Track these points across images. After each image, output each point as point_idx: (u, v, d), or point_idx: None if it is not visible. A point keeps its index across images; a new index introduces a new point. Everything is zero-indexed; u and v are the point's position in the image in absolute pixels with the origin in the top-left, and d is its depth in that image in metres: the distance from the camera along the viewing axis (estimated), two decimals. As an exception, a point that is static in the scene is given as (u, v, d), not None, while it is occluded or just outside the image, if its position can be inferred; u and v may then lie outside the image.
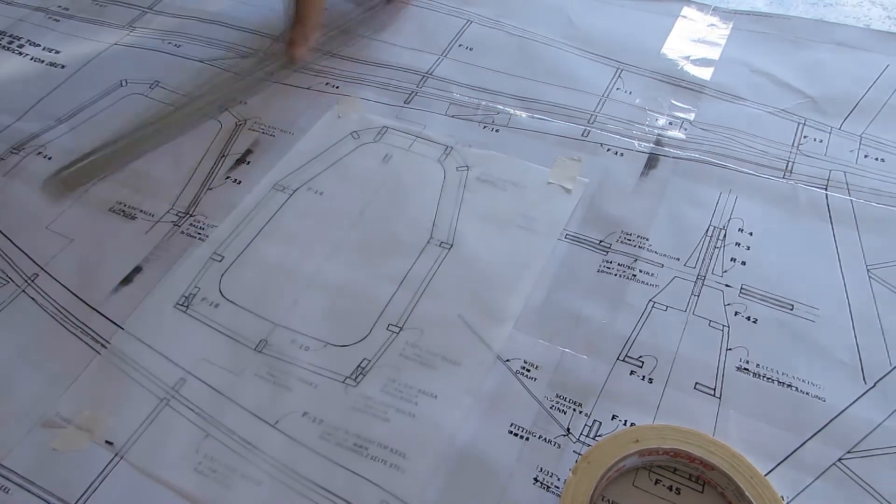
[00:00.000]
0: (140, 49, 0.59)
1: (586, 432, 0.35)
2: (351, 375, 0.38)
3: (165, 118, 0.52)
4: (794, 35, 0.56)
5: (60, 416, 0.37)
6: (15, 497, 0.34)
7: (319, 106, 0.53)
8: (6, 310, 0.41)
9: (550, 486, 0.33)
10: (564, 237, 0.43)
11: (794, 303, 0.39)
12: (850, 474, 0.33)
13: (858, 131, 0.49)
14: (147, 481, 0.34)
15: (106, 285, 0.42)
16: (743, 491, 0.31)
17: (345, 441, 0.35)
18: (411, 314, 0.40)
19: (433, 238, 0.44)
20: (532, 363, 0.38)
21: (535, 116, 0.51)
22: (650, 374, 0.37)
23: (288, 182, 0.47)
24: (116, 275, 0.43)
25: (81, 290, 0.42)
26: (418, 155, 0.49)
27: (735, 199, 0.45)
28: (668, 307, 0.40)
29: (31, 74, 0.57)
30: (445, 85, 0.54)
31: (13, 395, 0.38)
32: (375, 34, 0.59)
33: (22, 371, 0.39)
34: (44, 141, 0.51)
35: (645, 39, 0.57)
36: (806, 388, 0.36)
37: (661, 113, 0.51)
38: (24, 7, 0.64)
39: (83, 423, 0.36)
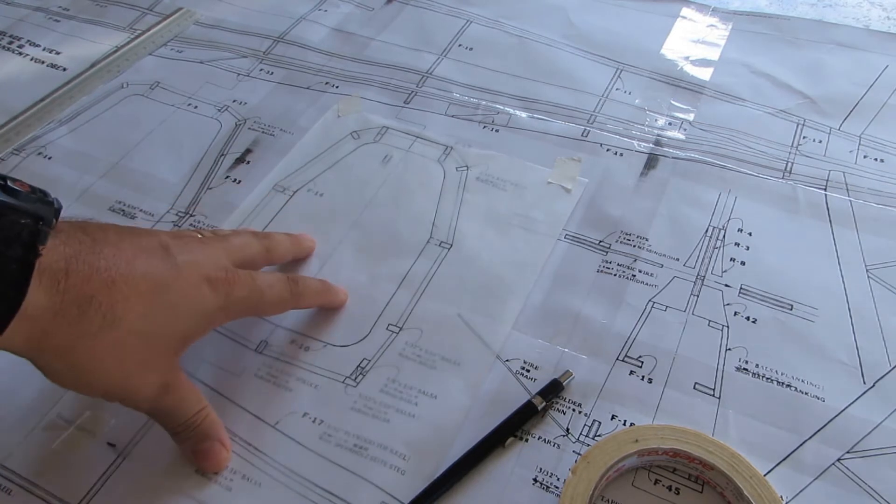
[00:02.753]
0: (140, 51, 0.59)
1: (586, 432, 0.35)
2: (351, 376, 0.38)
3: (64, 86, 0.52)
4: (794, 35, 0.56)
5: (62, 417, 0.37)
6: (17, 498, 0.34)
7: (319, 106, 0.53)
8: (7, 310, 0.41)
9: (550, 487, 0.33)
10: (564, 237, 0.43)
11: (793, 303, 0.40)
12: (849, 474, 0.33)
13: (858, 132, 0.49)
14: (149, 483, 0.34)
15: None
16: (742, 491, 0.31)
17: (345, 442, 0.35)
18: (411, 314, 0.40)
19: (433, 238, 0.44)
20: (532, 363, 0.38)
21: (535, 116, 0.51)
22: (649, 374, 0.37)
23: (288, 183, 0.47)
24: (117, 275, 0.43)
25: (82, 291, 0.42)
26: (418, 155, 0.49)
27: (734, 200, 0.45)
28: (668, 307, 0.40)
29: (32, 75, 0.57)
30: (445, 85, 0.54)
31: (15, 397, 0.38)
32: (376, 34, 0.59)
33: (23, 372, 0.38)
34: (45, 142, 0.51)
35: (644, 40, 0.57)
36: (805, 388, 0.36)
37: (660, 113, 0.51)
38: (24, 7, 0.64)
39: (85, 424, 0.36)
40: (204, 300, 0.32)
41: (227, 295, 0.33)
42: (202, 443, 0.34)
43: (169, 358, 0.32)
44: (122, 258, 0.30)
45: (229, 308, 0.33)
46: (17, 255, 0.26)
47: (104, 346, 0.29)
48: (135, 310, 0.29)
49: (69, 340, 0.28)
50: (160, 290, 0.30)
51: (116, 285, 0.29)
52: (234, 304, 0.34)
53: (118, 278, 0.29)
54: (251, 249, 0.38)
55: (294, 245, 0.42)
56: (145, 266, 0.30)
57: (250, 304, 0.35)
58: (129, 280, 0.29)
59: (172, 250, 0.32)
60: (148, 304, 0.30)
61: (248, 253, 0.37)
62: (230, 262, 0.35)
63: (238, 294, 0.33)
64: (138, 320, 0.30)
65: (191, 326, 0.32)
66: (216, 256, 0.34)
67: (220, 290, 0.33)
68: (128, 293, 0.29)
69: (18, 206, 0.26)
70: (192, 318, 0.32)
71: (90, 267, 0.28)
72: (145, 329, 0.30)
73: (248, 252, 0.37)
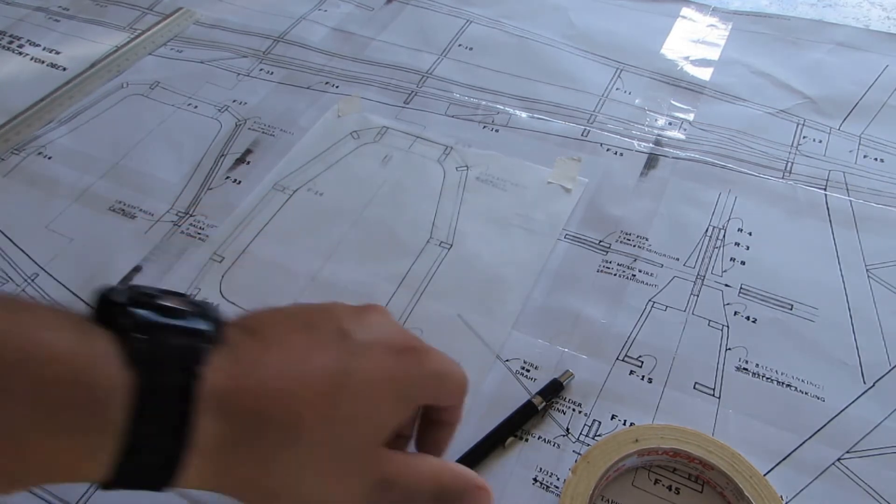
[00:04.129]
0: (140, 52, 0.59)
1: (586, 432, 0.35)
2: (351, 375, 0.38)
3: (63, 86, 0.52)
4: (794, 35, 0.56)
5: (61, 416, 0.37)
6: (16, 497, 0.34)
7: (319, 106, 0.53)
8: (7, 310, 0.41)
9: (550, 486, 0.33)
10: (564, 237, 0.43)
11: (793, 303, 0.40)
12: (849, 474, 0.33)
13: (858, 132, 0.49)
14: (147, 481, 0.34)
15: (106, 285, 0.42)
16: (742, 491, 0.31)
17: (345, 441, 0.35)
18: (411, 314, 0.40)
19: (433, 238, 0.44)
20: (531, 363, 0.38)
21: (535, 116, 0.51)
22: (649, 373, 0.37)
23: (288, 182, 0.47)
24: (116, 274, 0.43)
25: (81, 290, 0.42)
26: (418, 155, 0.49)
27: (734, 199, 0.45)
28: (668, 307, 0.40)
29: (32, 75, 0.57)
30: (445, 85, 0.54)
31: (14, 395, 0.38)
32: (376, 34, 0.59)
33: (22, 371, 0.39)
34: (45, 141, 0.51)
35: (644, 40, 0.57)
36: (805, 388, 0.36)
37: (660, 113, 0.51)
38: (24, 7, 0.64)
39: (84, 423, 0.36)
40: (393, 375, 0.26)
41: (419, 364, 0.27)
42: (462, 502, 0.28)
43: (375, 452, 0.26)
44: (294, 357, 0.25)
45: (424, 380, 0.27)
46: (176, 383, 0.22)
47: (289, 464, 0.24)
48: (315, 413, 0.24)
49: (249, 471, 0.24)
50: (342, 383, 0.25)
51: (293, 395, 0.24)
52: (428, 377, 0.28)
53: (293, 385, 0.24)
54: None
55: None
56: (320, 359, 0.25)
57: (443, 377, 0.29)
58: (305, 382, 0.24)
59: (353, 333, 0.26)
60: (330, 402, 0.25)
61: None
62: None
63: (429, 364, 0.28)
64: (321, 424, 0.24)
65: (388, 410, 0.26)
66: (402, 331, 0.29)
67: (410, 361, 0.27)
68: (306, 397, 0.24)
69: (174, 325, 0.23)
70: (385, 399, 0.26)
71: (259, 381, 0.24)
72: (332, 430, 0.25)
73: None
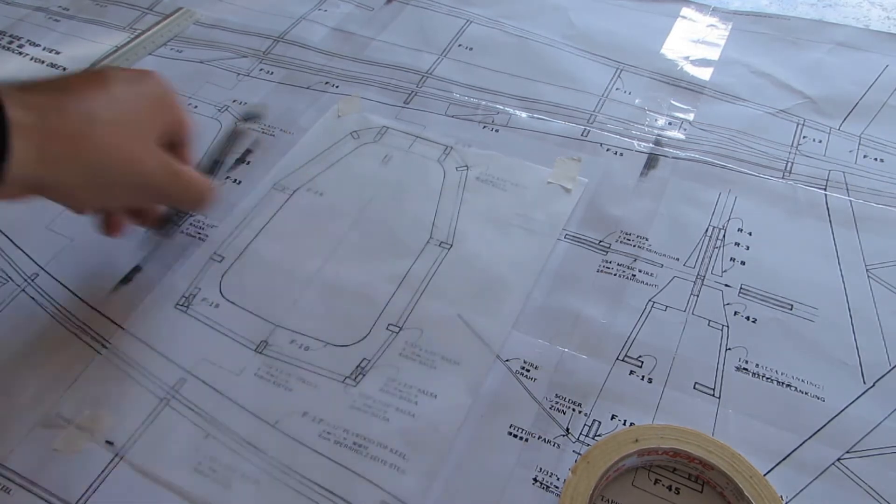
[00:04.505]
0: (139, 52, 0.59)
1: (586, 432, 0.35)
2: (351, 375, 0.38)
3: None
4: (794, 35, 0.56)
5: (61, 416, 0.37)
6: (16, 497, 0.34)
7: (319, 106, 0.53)
8: (6, 310, 0.41)
9: (550, 486, 0.33)
10: (564, 237, 0.43)
11: (793, 303, 0.40)
12: (849, 474, 0.33)
13: (858, 132, 0.49)
14: (147, 481, 0.34)
15: (106, 285, 0.42)
16: (742, 490, 0.31)
17: (344, 440, 0.35)
18: (411, 314, 0.40)
19: (433, 238, 0.44)
20: (531, 363, 0.38)
21: (535, 116, 0.51)
22: (649, 373, 0.37)
23: (288, 182, 0.47)
24: (116, 274, 0.43)
25: (81, 290, 0.42)
26: (418, 155, 0.49)
27: (734, 199, 0.45)
28: (668, 307, 0.40)
29: (31, 74, 0.57)
30: (445, 85, 0.54)
31: (13, 396, 0.38)
32: (376, 34, 0.59)
33: (22, 371, 0.39)
34: None
35: (644, 40, 0.57)
36: (805, 388, 0.36)
37: (660, 113, 0.51)
38: (24, 7, 0.64)
39: (83, 423, 0.36)
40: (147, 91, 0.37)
41: (171, 109, 0.38)
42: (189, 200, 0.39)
43: (149, 141, 0.36)
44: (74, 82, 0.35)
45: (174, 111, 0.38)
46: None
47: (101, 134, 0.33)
48: (100, 103, 0.34)
49: (74, 136, 0.32)
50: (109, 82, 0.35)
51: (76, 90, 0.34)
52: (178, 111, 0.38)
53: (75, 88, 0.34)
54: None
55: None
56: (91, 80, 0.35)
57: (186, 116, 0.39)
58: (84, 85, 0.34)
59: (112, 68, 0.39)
60: (106, 93, 0.35)
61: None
62: None
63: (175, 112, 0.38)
64: (110, 105, 0.34)
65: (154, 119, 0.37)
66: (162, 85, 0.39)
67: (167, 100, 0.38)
68: (88, 94, 0.34)
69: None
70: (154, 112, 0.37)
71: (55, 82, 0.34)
72: (118, 109, 0.35)
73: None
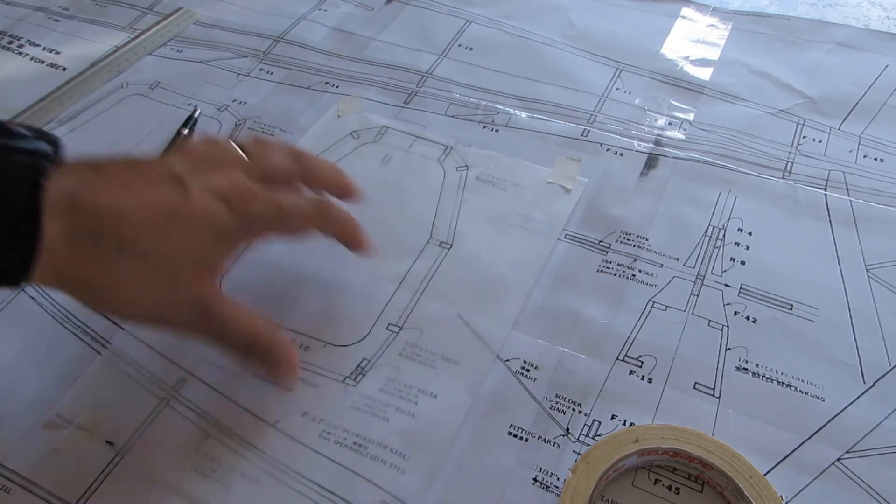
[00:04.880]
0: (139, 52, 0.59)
1: (586, 432, 0.35)
2: (351, 375, 0.38)
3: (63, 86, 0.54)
4: (794, 35, 0.56)
5: (61, 416, 0.37)
6: (16, 497, 0.34)
7: (319, 106, 0.53)
8: (6, 310, 0.41)
9: (550, 486, 0.33)
10: (564, 237, 0.43)
11: (793, 302, 0.40)
12: (849, 474, 0.33)
13: (858, 131, 0.49)
14: (147, 482, 0.34)
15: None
16: (742, 490, 0.31)
17: (344, 440, 0.35)
18: (411, 314, 0.40)
19: (433, 238, 0.44)
20: (531, 363, 0.38)
21: (535, 116, 0.51)
22: (649, 373, 0.37)
23: (288, 182, 0.47)
24: (117, 275, 0.43)
25: (82, 290, 0.42)
26: (418, 155, 0.49)
27: (734, 199, 0.45)
28: (668, 307, 0.40)
29: (31, 74, 0.57)
30: (445, 85, 0.54)
31: (14, 396, 0.38)
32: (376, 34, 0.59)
33: (22, 371, 0.39)
34: None
35: (644, 39, 0.57)
36: (805, 388, 0.36)
37: (660, 113, 0.51)
38: (24, 7, 0.64)
39: (84, 423, 0.36)
40: (219, 218, 0.32)
41: (246, 212, 0.33)
42: (268, 365, 0.34)
43: (199, 281, 0.32)
44: (129, 189, 0.30)
45: (251, 225, 0.33)
46: (23, 193, 0.27)
47: (121, 272, 0.30)
48: (147, 236, 0.30)
49: (87, 270, 0.29)
50: (172, 216, 0.31)
51: (124, 216, 0.30)
52: (254, 221, 0.33)
53: (125, 209, 0.30)
54: (283, 169, 0.36)
55: (337, 174, 0.40)
56: (153, 195, 0.31)
57: (272, 219, 0.34)
58: (136, 209, 0.30)
59: (184, 177, 0.32)
60: (160, 230, 0.30)
61: (279, 172, 0.36)
62: (256, 181, 0.34)
63: (257, 210, 0.33)
64: (153, 245, 0.30)
65: (211, 246, 0.32)
66: (236, 177, 0.33)
67: (236, 208, 0.32)
68: (136, 220, 0.30)
69: (18, 146, 0.28)
70: (210, 237, 0.32)
71: (95, 199, 0.29)
72: (162, 252, 0.31)
73: (279, 172, 0.36)
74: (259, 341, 0.34)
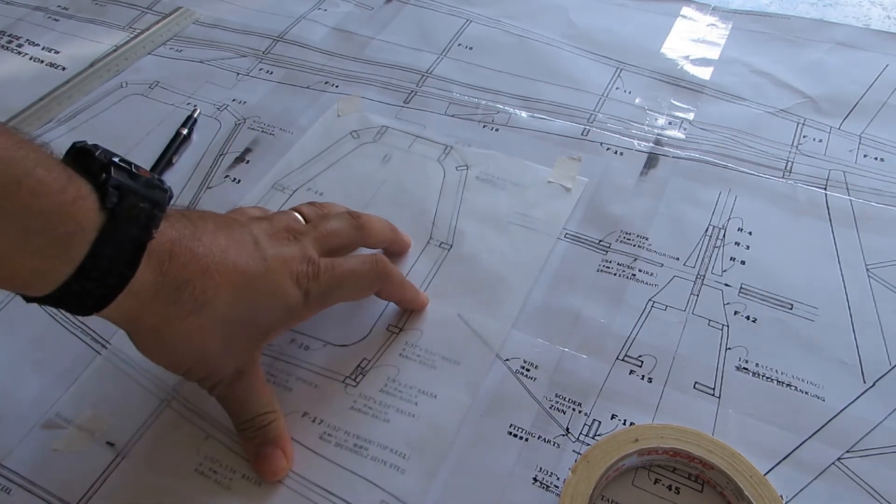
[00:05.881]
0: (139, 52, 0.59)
1: (586, 432, 0.35)
2: (351, 375, 0.38)
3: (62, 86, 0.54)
4: (794, 35, 0.56)
5: (61, 416, 0.37)
6: (16, 497, 0.34)
7: (319, 105, 0.53)
8: (6, 310, 0.41)
9: (550, 486, 0.33)
10: (564, 236, 0.43)
11: (793, 302, 0.39)
12: (849, 474, 0.33)
13: (858, 131, 0.49)
14: (148, 482, 0.34)
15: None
16: (742, 490, 0.31)
17: (344, 441, 0.35)
18: (411, 314, 0.40)
19: (433, 238, 0.44)
20: (531, 363, 0.38)
21: (535, 116, 0.51)
22: (649, 373, 0.37)
23: (287, 182, 0.47)
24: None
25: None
26: (418, 155, 0.49)
27: (734, 199, 0.45)
28: (668, 307, 0.40)
29: (31, 74, 0.57)
30: (445, 84, 0.54)
31: (14, 396, 0.38)
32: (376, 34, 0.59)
33: (22, 371, 0.39)
34: (44, 141, 0.51)
35: (644, 39, 0.57)
36: (805, 388, 0.36)
37: (660, 112, 0.51)
38: (23, 6, 0.64)
39: (84, 423, 0.36)
40: (287, 295, 0.33)
41: (309, 290, 0.34)
42: (264, 446, 0.34)
43: (249, 347, 0.34)
44: (218, 248, 0.31)
45: (310, 302, 0.34)
46: (133, 236, 0.28)
47: (192, 328, 0.31)
48: (223, 298, 0.31)
49: (162, 319, 0.30)
50: (248, 283, 0.32)
51: (210, 273, 0.31)
52: (314, 297, 0.34)
53: (212, 266, 0.31)
54: (343, 235, 0.38)
55: (391, 231, 0.42)
56: (236, 258, 0.32)
57: (332, 293, 0.35)
58: (221, 269, 0.31)
59: (262, 245, 0.34)
60: (236, 294, 0.32)
61: (340, 239, 0.38)
62: (319, 251, 0.36)
63: (318, 288, 0.34)
64: (225, 308, 0.31)
65: (274, 319, 0.34)
66: (304, 248, 0.35)
67: (302, 285, 0.34)
68: (219, 281, 0.31)
69: (140, 191, 0.28)
70: (275, 311, 0.33)
71: (190, 252, 0.30)
72: (230, 316, 0.32)
73: (340, 238, 0.38)
74: (264, 422, 0.34)
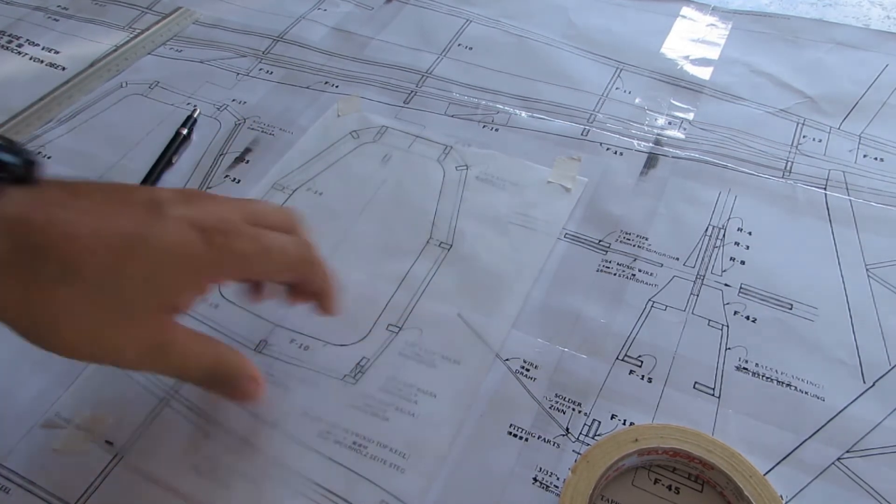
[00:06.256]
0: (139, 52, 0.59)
1: (585, 432, 0.35)
2: (350, 374, 0.38)
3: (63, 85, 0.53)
4: (794, 35, 0.56)
5: (60, 416, 0.37)
6: (15, 497, 0.34)
7: (319, 105, 0.53)
8: (6, 309, 0.41)
9: (550, 486, 0.33)
10: (564, 236, 0.43)
11: (793, 302, 0.39)
12: (849, 474, 0.33)
13: (857, 131, 0.49)
14: (147, 481, 0.34)
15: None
16: (742, 490, 0.31)
17: (344, 440, 0.35)
18: (411, 314, 0.40)
19: (433, 238, 0.44)
20: (531, 363, 0.38)
21: (535, 116, 0.51)
22: (649, 373, 0.37)
23: (287, 182, 0.47)
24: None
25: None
26: (418, 155, 0.49)
27: (734, 199, 0.45)
28: (668, 307, 0.40)
29: (30, 74, 0.57)
30: (445, 84, 0.54)
31: (13, 395, 0.38)
32: (375, 34, 0.59)
33: (22, 371, 0.39)
34: (44, 141, 0.51)
35: (644, 39, 0.57)
36: (805, 388, 0.36)
37: (660, 112, 0.51)
38: (23, 6, 0.64)
39: (83, 423, 0.36)
40: (191, 250, 0.28)
41: (223, 246, 0.29)
42: (231, 389, 0.32)
43: (156, 316, 0.29)
44: (97, 212, 0.28)
45: (224, 262, 0.30)
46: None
47: (63, 300, 0.26)
48: (100, 263, 0.27)
49: (22, 292, 0.26)
50: (136, 244, 0.27)
51: (80, 239, 0.27)
52: (231, 259, 0.30)
53: (84, 231, 0.27)
54: (275, 217, 0.33)
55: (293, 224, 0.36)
56: (122, 220, 0.28)
57: (252, 260, 0.31)
58: (97, 233, 0.27)
59: (165, 206, 0.29)
60: (119, 258, 0.27)
61: (270, 219, 0.33)
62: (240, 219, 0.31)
63: (238, 246, 0.30)
64: (105, 274, 0.27)
65: (176, 280, 0.29)
66: (223, 211, 0.31)
67: (214, 241, 0.29)
68: (93, 246, 0.27)
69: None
70: (176, 270, 0.28)
71: (50, 218, 0.26)
72: (115, 284, 0.27)
73: (271, 218, 0.33)
74: (218, 370, 0.31)
